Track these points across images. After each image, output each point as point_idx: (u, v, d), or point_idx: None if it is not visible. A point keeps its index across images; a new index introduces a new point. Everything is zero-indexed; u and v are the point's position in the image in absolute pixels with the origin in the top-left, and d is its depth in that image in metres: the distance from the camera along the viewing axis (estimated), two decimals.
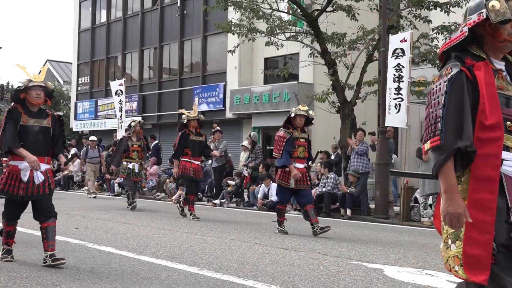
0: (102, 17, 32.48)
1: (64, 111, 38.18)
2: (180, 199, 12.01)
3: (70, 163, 12.33)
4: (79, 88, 33.96)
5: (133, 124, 12.99)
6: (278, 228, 8.88)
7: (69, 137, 27.81)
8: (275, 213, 9.31)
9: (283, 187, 8.82)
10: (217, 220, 10.93)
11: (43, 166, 5.66)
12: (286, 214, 9.20)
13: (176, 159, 11.08)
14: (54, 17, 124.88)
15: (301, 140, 8.84)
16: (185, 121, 10.86)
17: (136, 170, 12.81)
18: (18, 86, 5.64)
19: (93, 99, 31.92)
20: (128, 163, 12.74)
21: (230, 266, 5.78)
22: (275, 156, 8.97)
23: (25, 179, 5.54)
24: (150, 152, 15.36)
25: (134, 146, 12.79)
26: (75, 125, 33.11)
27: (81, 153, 18.27)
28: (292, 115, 8.74)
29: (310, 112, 8.93)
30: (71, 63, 36.93)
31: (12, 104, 5.73)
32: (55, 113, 5.96)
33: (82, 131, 32.39)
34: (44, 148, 5.71)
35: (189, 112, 11.01)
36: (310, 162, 9.13)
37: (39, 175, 5.59)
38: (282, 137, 8.65)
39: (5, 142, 5.50)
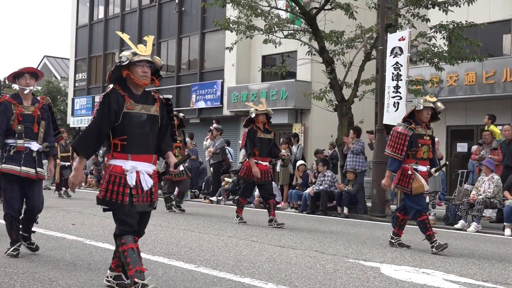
0: (100, 13, 32.42)
1: (61, 107, 38.13)
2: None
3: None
4: (76, 84, 33.91)
5: None
6: (393, 238, 7.53)
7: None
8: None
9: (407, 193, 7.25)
10: (214, 217, 10.93)
11: (151, 168, 4.38)
12: (284, 212, 9.18)
13: (251, 156, 9.55)
14: (52, 12, 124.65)
15: (426, 138, 7.26)
16: (253, 116, 9.60)
17: (181, 168, 11.41)
18: (120, 61, 4.27)
19: (91, 95, 31.86)
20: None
21: (227, 264, 5.78)
22: (393, 156, 7.17)
23: (132, 182, 4.25)
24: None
25: (176, 142, 12.09)
26: (72, 121, 33.07)
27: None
28: (420, 107, 7.11)
29: (439, 104, 7.30)
30: (68, 59, 36.86)
31: (109, 87, 4.34)
32: (162, 96, 4.56)
33: (79, 127, 32.35)
34: (152, 143, 4.42)
35: (257, 106, 9.77)
36: (433, 170, 7.45)
37: (147, 178, 4.33)
38: (403, 134, 7.08)
39: (78, 139, 4.43)
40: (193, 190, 16.78)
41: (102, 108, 4.23)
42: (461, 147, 18.29)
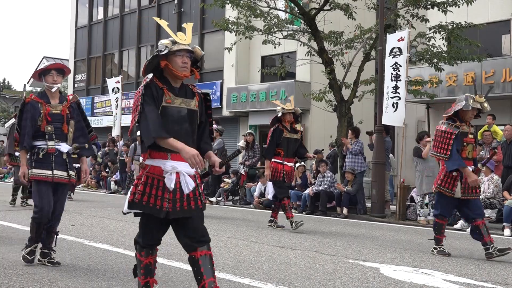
0: (99, 14, 32.43)
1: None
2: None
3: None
4: (75, 85, 33.91)
5: None
6: (436, 248, 7.08)
7: None
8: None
9: (447, 196, 6.94)
10: (214, 218, 10.92)
11: (191, 168, 3.81)
12: (283, 212, 9.16)
13: (267, 158, 9.30)
14: (51, 13, 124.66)
15: (470, 136, 7.04)
16: (279, 115, 9.22)
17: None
18: (158, 50, 3.81)
19: (90, 96, 31.87)
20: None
21: (227, 264, 5.78)
22: (439, 157, 6.96)
23: (172, 185, 3.76)
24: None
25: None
26: None
27: (129, 149, 17.08)
28: (469, 108, 6.85)
29: (486, 104, 7.03)
30: (67, 60, 36.85)
31: (148, 77, 3.90)
32: (200, 91, 4.09)
33: None
34: (192, 141, 3.91)
35: (284, 105, 9.33)
36: (480, 165, 7.21)
37: (188, 180, 3.81)
38: (449, 132, 6.81)
39: (147, 131, 3.66)
40: None
41: (147, 96, 3.75)
42: None
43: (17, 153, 10.91)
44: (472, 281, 5.37)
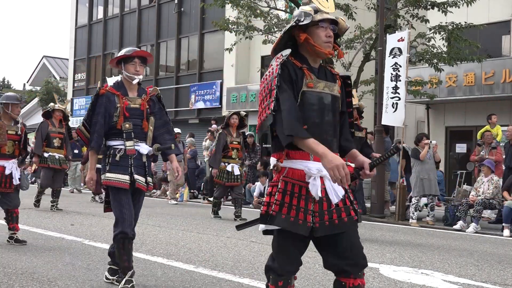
0: (99, 13, 32.44)
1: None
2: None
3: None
4: (75, 85, 33.91)
5: (226, 114, 10.62)
6: None
7: None
8: None
9: None
10: (213, 217, 10.91)
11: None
12: None
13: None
14: (51, 13, 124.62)
15: None
16: None
17: (236, 172, 10.34)
18: (297, 19, 2.97)
19: (90, 96, 31.85)
20: (226, 164, 10.31)
21: (226, 264, 5.78)
22: None
23: (318, 194, 2.90)
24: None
25: (234, 143, 10.35)
26: (72, 122, 33.03)
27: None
28: None
29: None
30: (67, 59, 36.85)
31: (282, 54, 2.97)
32: (338, 72, 3.22)
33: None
34: (336, 136, 3.09)
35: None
36: None
37: (336, 187, 2.95)
38: None
39: (286, 125, 2.80)
40: (191, 191, 16.80)
41: (284, 79, 2.90)
42: (460, 147, 18.31)
43: (45, 154, 10.90)
44: (471, 281, 5.37)
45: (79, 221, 9.42)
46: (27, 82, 44.08)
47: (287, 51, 2.96)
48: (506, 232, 9.58)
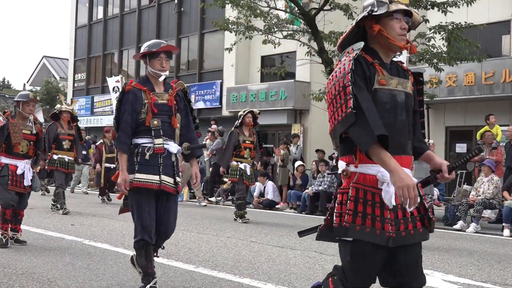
0: (99, 13, 32.43)
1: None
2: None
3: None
4: (75, 85, 33.91)
5: (241, 113, 10.35)
6: None
7: None
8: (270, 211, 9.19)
9: None
10: (213, 217, 10.92)
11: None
12: (282, 212, 9.15)
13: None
14: (51, 13, 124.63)
15: None
16: None
17: (248, 172, 10.18)
18: (371, 9, 2.75)
19: (90, 96, 31.87)
20: (239, 163, 10.15)
21: (226, 264, 5.78)
22: None
23: (392, 201, 2.67)
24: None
25: (246, 142, 10.15)
26: None
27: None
28: None
29: None
30: (67, 60, 36.85)
31: (353, 48, 2.78)
32: (408, 68, 3.02)
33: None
34: (410, 138, 2.86)
35: None
36: None
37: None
38: None
39: (373, 124, 2.57)
40: (191, 191, 16.77)
41: (358, 75, 2.68)
42: (460, 147, 18.30)
43: (55, 156, 10.68)
44: (471, 281, 5.37)
45: (79, 221, 9.42)
46: (27, 82, 44.09)
47: (360, 45, 2.73)
48: (506, 232, 9.58)
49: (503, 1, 17.38)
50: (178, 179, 4.49)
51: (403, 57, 12.04)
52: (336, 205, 2.77)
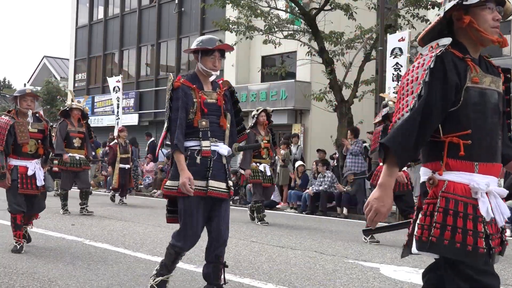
0: (100, 13, 32.45)
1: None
2: None
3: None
4: (76, 85, 33.91)
5: (255, 113, 10.02)
6: None
7: None
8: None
9: None
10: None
11: (500, 186, 2.59)
12: (283, 212, 9.14)
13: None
14: (51, 13, 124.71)
15: None
16: (390, 111, 7.96)
17: (268, 173, 9.83)
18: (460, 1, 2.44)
19: (90, 96, 31.85)
20: (258, 164, 9.78)
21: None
22: None
23: (489, 213, 2.42)
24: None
25: (264, 142, 9.74)
26: None
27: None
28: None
29: None
30: (68, 60, 36.86)
31: (435, 44, 2.47)
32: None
33: None
34: (501, 145, 2.57)
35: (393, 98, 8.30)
36: None
37: (501, 204, 2.48)
38: None
39: (401, 136, 2.39)
40: None
41: (439, 73, 2.39)
42: None
43: (66, 155, 10.49)
44: None
45: (80, 221, 9.42)
46: (28, 82, 44.03)
47: (447, 40, 2.44)
48: (507, 232, 9.56)
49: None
50: (230, 183, 4.28)
51: (403, 58, 12.06)
52: (420, 216, 2.47)
